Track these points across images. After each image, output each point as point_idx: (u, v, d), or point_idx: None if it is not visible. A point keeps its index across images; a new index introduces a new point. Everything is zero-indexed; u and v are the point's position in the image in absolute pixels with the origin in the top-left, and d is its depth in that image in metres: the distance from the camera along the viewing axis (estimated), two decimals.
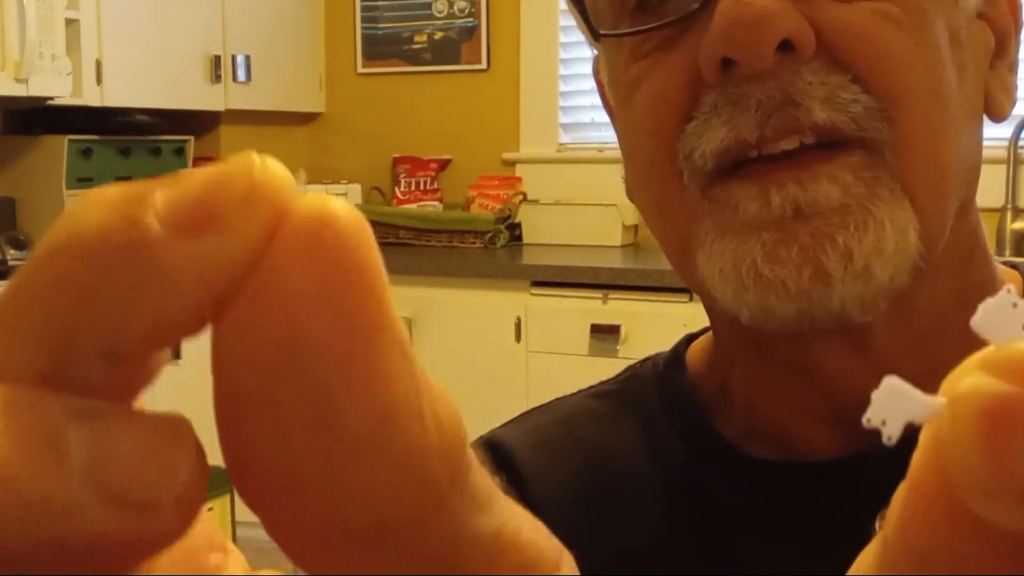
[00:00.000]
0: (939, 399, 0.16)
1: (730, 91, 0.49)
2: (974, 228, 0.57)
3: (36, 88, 2.66)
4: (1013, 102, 0.57)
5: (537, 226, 3.25)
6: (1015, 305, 0.16)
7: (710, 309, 0.59)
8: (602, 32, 0.56)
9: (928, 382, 0.62)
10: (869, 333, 0.53)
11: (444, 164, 3.57)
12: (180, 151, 3.32)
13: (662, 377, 0.63)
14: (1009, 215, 2.86)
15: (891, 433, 0.16)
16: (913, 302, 0.52)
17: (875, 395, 0.16)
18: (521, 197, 3.36)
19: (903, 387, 0.16)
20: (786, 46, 0.49)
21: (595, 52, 0.62)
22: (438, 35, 3.57)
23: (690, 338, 0.66)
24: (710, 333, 0.63)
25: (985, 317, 0.16)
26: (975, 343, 0.59)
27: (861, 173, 0.49)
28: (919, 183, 0.50)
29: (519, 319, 2.85)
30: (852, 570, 0.18)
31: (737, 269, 0.50)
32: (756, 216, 0.49)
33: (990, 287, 0.57)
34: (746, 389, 0.59)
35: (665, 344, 0.66)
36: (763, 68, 0.48)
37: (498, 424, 0.66)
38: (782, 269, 0.49)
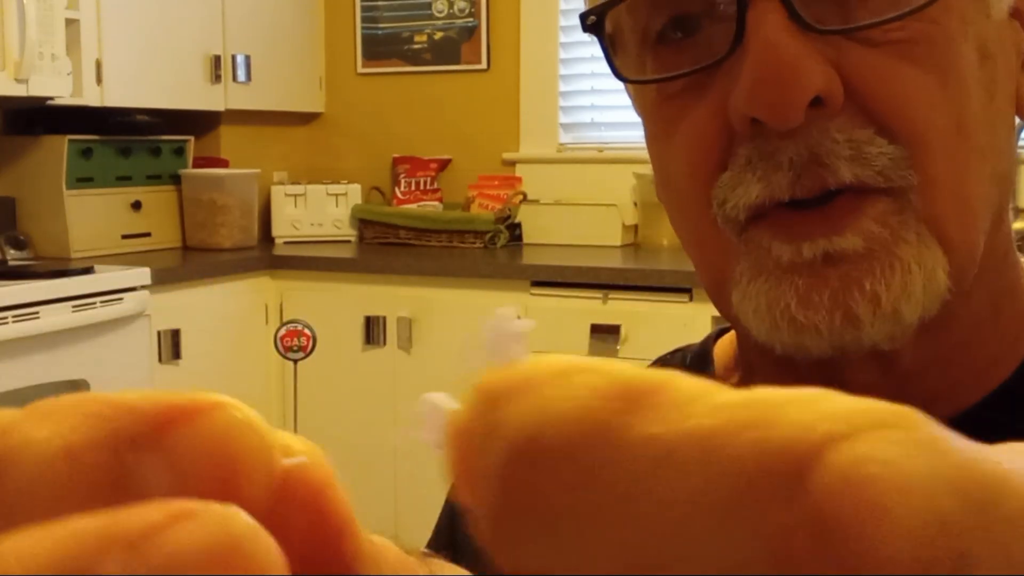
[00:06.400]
0: None
1: (762, 146, 0.50)
2: (1007, 233, 0.57)
3: (36, 88, 2.66)
4: None
5: (537, 226, 3.25)
6: (513, 327, 0.17)
7: (735, 321, 0.58)
8: (629, 79, 0.56)
9: (951, 396, 0.61)
10: (898, 355, 0.53)
11: (444, 164, 3.57)
12: (180, 151, 3.32)
13: (689, 372, 0.63)
14: (1009, 215, 2.86)
15: (433, 442, 0.17)
16: (947, 320, 0.53)
17: (417, 412, 0.17)
18: (521, 197, 3.36)
19: (439, 401, 0.17)
20: (815, 101, 0.49)
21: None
22: (438, 35, 3.57)
23: (720, 331, 0.66)
24: None
25: (489, 337, 0.17)
26: (1006, 352, 0.59)
27: (888, 220, 0.50)
28: (946, 221, 0.50)
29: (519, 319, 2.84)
30: None
31: (772, 311, 0.51)
32: (790, 261, 0.51)
33: (1020, 289, 0.57)
34: None
35: (664, 344, 0.66)
36: (792, 127, 0.49)
37: None
38: (815, 314, 0.50)
